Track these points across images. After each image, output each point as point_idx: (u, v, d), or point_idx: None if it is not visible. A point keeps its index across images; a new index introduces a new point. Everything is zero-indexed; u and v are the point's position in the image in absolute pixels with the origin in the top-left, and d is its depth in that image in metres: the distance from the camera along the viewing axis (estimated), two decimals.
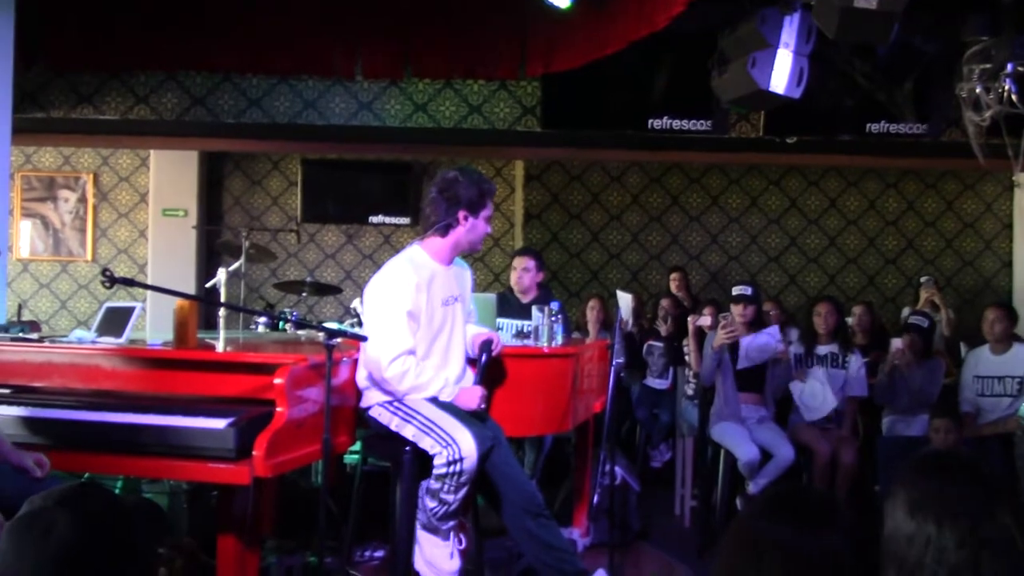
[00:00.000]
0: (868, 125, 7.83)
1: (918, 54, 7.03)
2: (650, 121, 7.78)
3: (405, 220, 9.56)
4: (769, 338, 5.53)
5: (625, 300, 5.94)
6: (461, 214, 3.64)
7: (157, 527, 3.33)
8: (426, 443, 3.43)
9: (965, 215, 9.77)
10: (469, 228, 3.67)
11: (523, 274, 5.73)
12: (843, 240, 9.75)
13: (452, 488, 3.41)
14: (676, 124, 7.79)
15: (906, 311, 7.39)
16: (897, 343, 5.91)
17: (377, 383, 3.56)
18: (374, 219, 9.61)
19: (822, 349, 5.91)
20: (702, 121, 7.77)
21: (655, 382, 7.08)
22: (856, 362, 5.88)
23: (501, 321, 4.85)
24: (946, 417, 5.08)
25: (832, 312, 5.97)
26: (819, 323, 5.94)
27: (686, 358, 6.36)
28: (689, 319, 6.20)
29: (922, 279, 7.98)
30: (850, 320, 6.88)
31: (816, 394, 5.72)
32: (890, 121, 7.76)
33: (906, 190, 9.75)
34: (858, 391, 5.87)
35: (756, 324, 5.71)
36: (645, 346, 7.16)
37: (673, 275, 8.35)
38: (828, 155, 8.43)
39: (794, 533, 1.17)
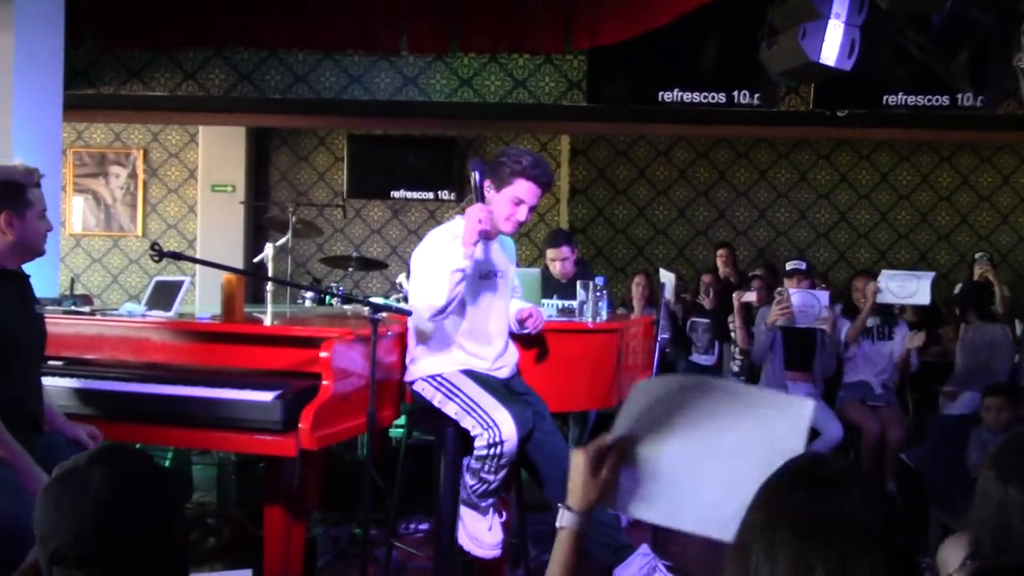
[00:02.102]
0: (922, 98, 7.67)
1: (974, 24, 6.85)
2: (697, 95, 7.68)
3: (451, 195, 9.57)
4: (814, 300, 5.43)
5: (669, 279, 5.91)
6: (486, 183, 3.58)
7: (183, 490, 3.38)
8: (467, 423, 3.43)
9: (1022, 189, 9.54)
10: (491, 200, 3.55)
11: (563, 263, 5.73)
12: (894, 215, 9.57)
13: (492, 469, 3.42)
14: (724, 97, 7.69)
15: (959, 288, 7.26)
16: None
17: (429, 348, 3.56)
18: (419, 194, 9.63)
19: (868, 321, 5.84)
20: (751, 94, 7.66)
21: (701, 358, 7.02)
22: (901, 332, 5.80)
23: (545, 301, 4.84)
24: (999, 395, 4.96)
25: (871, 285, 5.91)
26: (858, 297, 5.87)
27: (732, 335, 6.30)
28: (735, 295, 6.14)
29: (976, 255, 7.82)
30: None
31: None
32: (945, 93, 7.58)
33: (960, 164, 9.54)
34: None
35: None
36: (688, 322, 7.11)
37: (720, 251, 8.26)
38: (880, 128, 8.26)
39: (807, 496, 1.20)
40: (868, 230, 9.57)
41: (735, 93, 7.66)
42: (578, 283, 4.47)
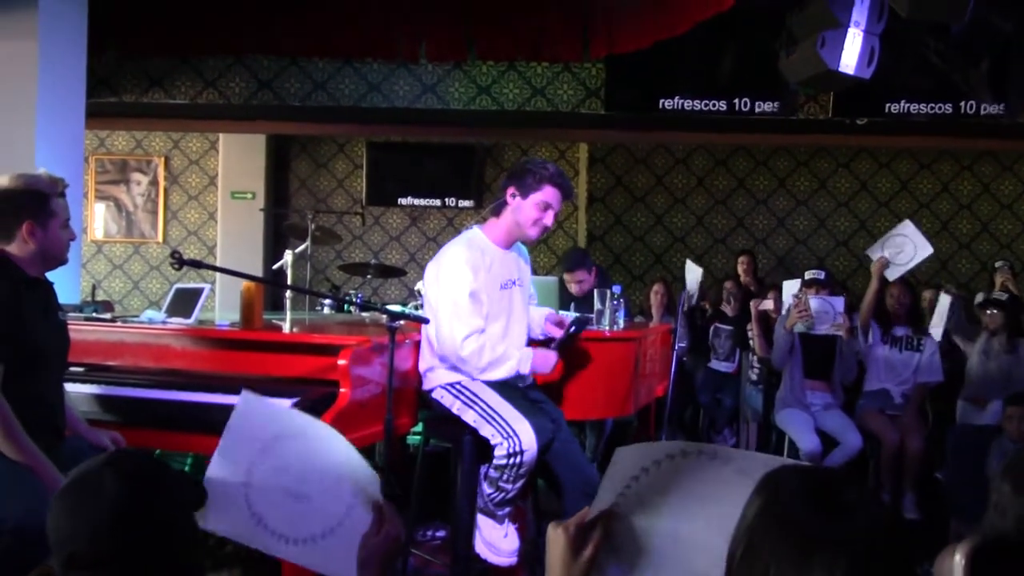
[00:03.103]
0: (941, 106, 7.63)
1: (995, 32, 6.83)
2: (715, 103, 7.68)
3: (469, 202, 9.59)
4: (829, 306, 5.40)
5: (695, 273, 5.88)
6: (509, 191, 3.62)
7: (197, 494, 3.39)
8: (487, 431, 3.44)
9: None
10: (515, 208, 3.61)
11: (580, 286, 5.74)
12: (915, 224, 9.50)
13: (511, 478, 3.42)
14: (742, 105, 7.68)
15: (980, 296, 7.20)
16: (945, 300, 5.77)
17: (451, 365, 3.57)
18: (438, 201, 9.66)
19: (898, 330, 5.82)
20: (769, 102, 7.65)
21: (721, 365, 7.00)
22: (931, 346, 5.76)
23: (562, 313, 4.85)
24: (1021, 404, 4.92)
25: (905, 293, 5.87)
26: (892, 304, 5.84)
27: (750, 343, 6.29)
28: (752, 303, 6.13)
29: (996, 264, 7.76)
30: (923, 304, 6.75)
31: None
32: (965, 101, 7.55)
33: (982, 172, 9.48)
34: (931, 376, 5.76)
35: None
36: (712, 328, 7.09)
37: (741, 258, 8.24)
38: (899, 136, 8.23)
39: (808, 514, 1.18)
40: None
41: (754, 101, 7.65)
42: (595, 292, 4.48)
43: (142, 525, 1.53)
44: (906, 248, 5.68)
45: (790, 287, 5.87)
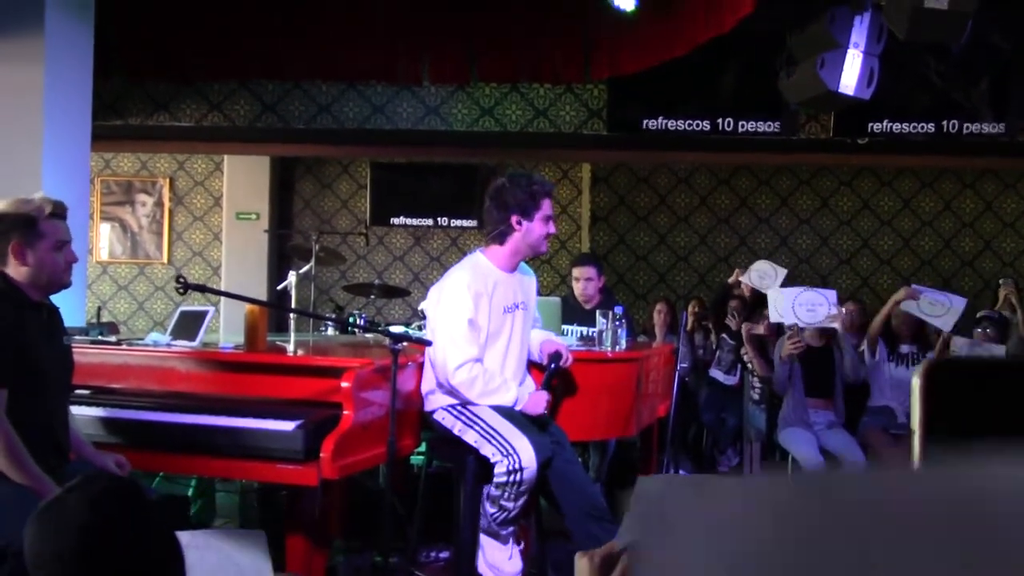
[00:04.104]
0: (943, 124, 7.67)
1: (995, 51, 6.87)
2: (717, 123, 7.72)
3: (472, 223, 9.63)
4: (822, 298, 5.40)
5: (775, 272, 5.83)
6: (514, 219, 3.65)
7: (179, 517, 3.41)
8: (487, 450, 3.46)
9: None
10: (524, 232, 3.66)
11: (586, 284, 5.73)
12: (917, 242, 9.54)
13: (512, 496, 3.44)
14: (744, 125, 7.73)
15: (983, 314, 7.21)
16: (959, 342, 5.79)
17: (448, 389, 3.60)
18: (442, 221, 9.70)
19: (904, 348, 5.83)
20: (770, 122, 7.69)
21: (724, 377, 6.98)
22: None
23: (565, 327, 4.86)
24: None
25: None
26: (896, 323, 5.86)
27: (748, 365, 6.30)
28: (744, 327, 6.15)
29: (1001, 280, 7.77)
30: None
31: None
32: (966, 120, 7.58)
33: (984, 190, 9.51)
34: None
35: (825, 330, 5.63)
36: (719, 338, 7.09)
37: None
38: (901, 156, 8.26)
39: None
40: (891, 256, 9.54)
41: (755, 121, 7.69)
42: (598, 312, 4.50)
43: (109, 549, 1.54)
44: (937, 308, 5.75)
45: (775, 272, 5.92)
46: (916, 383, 1.58)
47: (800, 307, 5.44)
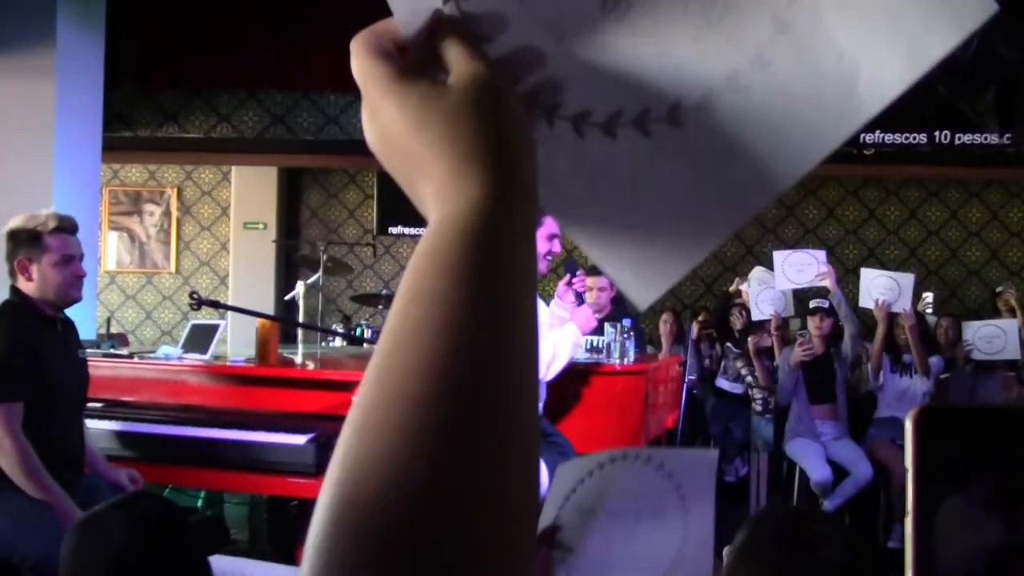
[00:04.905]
0: (949, 135, 7.68)
1: (1001, 62, 6.88)
2: None
3: None
4: (811, 258, 5.40)
5: (904, 282, 5.81)
6: None
7: (216, 539, 3.42)
8: None
9: None
10: None
11: (600, 294, 5.74)
12: (923, 251, 9.54)
13: None
14: None
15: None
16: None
17: None
18: None
19: (907, 358, 5.83)
20: None
21: (728, 384, 6.98)
22: (936, 367, 5.80)
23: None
24: None
25: (916, 321, 5.90)
26: (899, 333, 5.86)
27: (747, 380, 6.31)
28: (750, 340, 6.16)
29: (999, 288, 7.78)
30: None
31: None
32: (972, 131, 7.59)
33: (990, 200, 9.51)
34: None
35: (833, 337, 5.64)
36: (724, 346, 7.09)
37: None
38: (907, 165, 8.27)
39: (778, 549, 1.26)
40: (897, 266, 9.51)
41: None
42: (606, 324, 4.52)
43: (145, 565, 1.56)
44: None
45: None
46: (908, 426, 1.62)
47: (790, 268, 5.45)
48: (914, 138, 7.75)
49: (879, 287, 5.76)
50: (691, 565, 1.48)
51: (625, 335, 4.40)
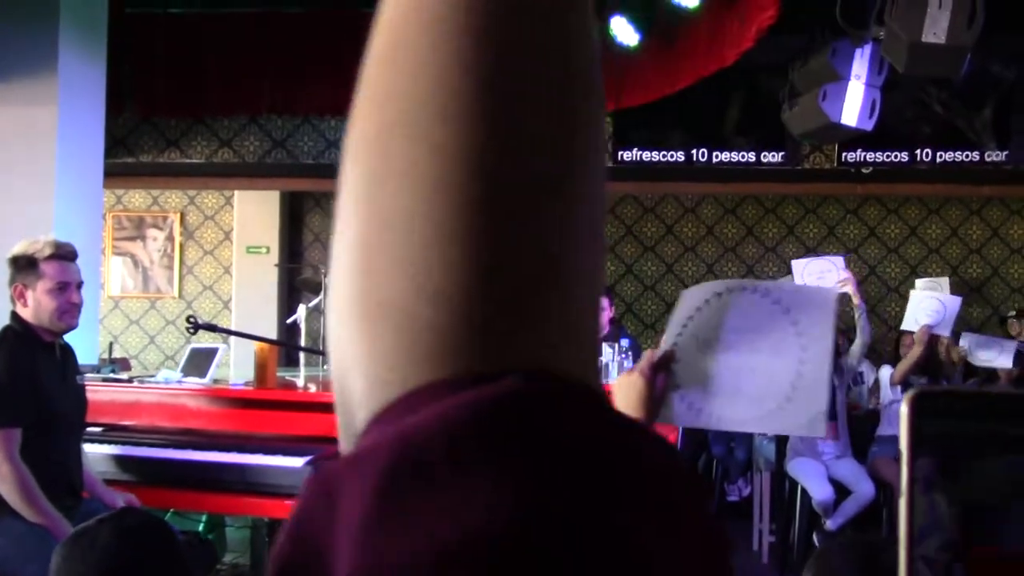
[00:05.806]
0: (946, 153, 7.71)
1: (997, 80, 6.92)
2: (722, 153, 7.78)
3: None
4: (830, 265, 5.34)
5: (952, 305, 5.74)
6: None
7: (205, 560, 3.43)
8: None
9: None
10: None
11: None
12: (924, 268, 9.54)
13: None
14: (748, 156, 7.78)
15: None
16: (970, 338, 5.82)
17: None
18: None
19: (913, 379, 5.83)
20: (775, 153, 7.75)
21: None
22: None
23: None
24: None
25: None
26: (904, 352, 5.87)
27: None
28: None
29: (1010, 315, 7.79)
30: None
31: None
32: (969, 148, 7.62)
33: (990, 217, 9.52)
34: None
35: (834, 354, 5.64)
36: None
37: None
38: (905, 184, 8.30)
39: None
40: (898, 283, 9.55)
41: (760, 151, 7.75)
42: (604, 345, 4.53)
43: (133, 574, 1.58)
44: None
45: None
46: (903, 410, 1.62)
47: (810, 276, 5.41)
48: (912, 157, 7.78)
49: (927, 309, 5.67)
50: (805, 398, 1.48)
51: (623, 355, 4.42)
